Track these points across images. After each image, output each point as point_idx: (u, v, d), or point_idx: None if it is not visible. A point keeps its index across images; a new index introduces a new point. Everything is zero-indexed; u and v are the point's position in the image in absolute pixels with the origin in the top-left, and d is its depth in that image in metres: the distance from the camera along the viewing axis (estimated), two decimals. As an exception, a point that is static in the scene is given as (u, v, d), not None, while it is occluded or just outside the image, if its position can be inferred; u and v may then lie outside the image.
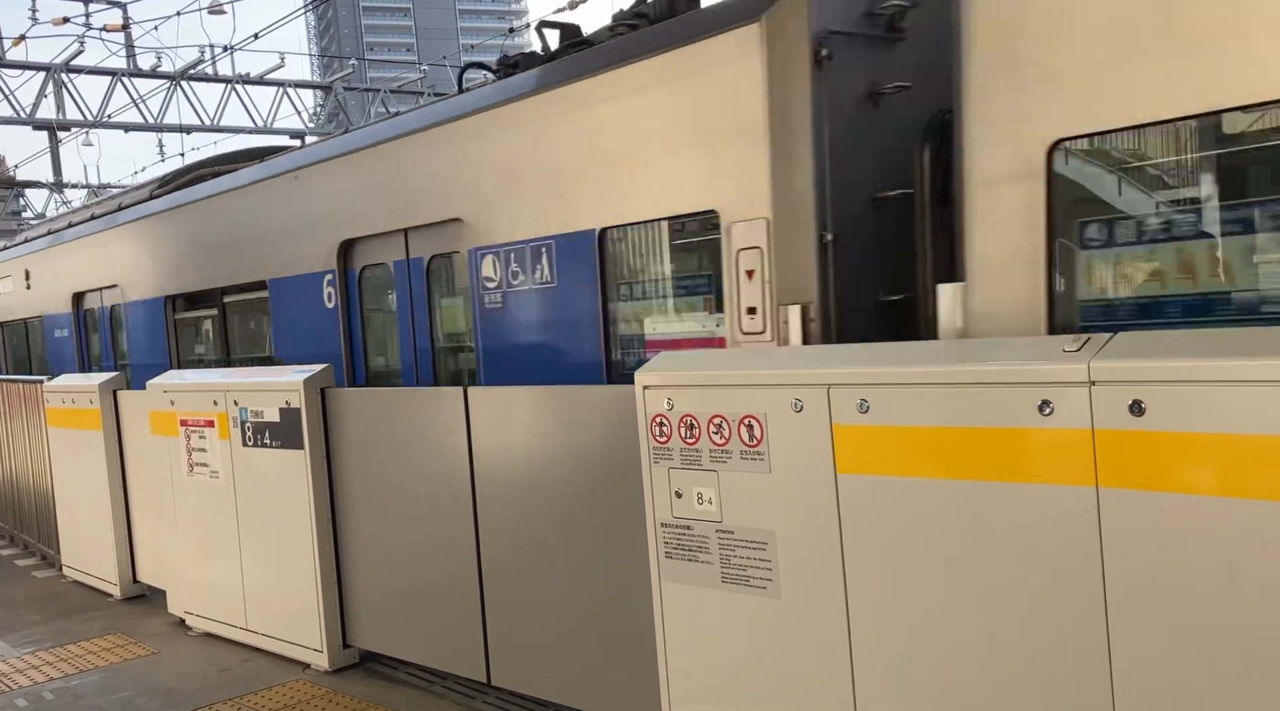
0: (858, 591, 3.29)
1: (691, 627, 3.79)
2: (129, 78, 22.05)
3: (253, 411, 6.03)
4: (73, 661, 6.35)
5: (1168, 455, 2.63)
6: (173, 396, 6.68)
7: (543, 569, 4.61)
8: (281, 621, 6.04)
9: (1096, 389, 2.72)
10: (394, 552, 5.44)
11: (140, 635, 6.83)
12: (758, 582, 3.56)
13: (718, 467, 3.64)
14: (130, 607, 7.60)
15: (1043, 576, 2.87)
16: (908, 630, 3.19)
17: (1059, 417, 2.80)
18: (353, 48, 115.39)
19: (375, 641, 5.67)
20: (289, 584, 5.92)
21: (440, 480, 5.08)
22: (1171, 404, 2.61)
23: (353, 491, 5.65)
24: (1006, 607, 2.95)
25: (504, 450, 4.75)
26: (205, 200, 8.91)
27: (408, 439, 5.26)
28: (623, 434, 4.13)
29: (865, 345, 3.51)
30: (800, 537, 3.42)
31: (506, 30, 23.88)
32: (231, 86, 23.53)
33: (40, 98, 21.33)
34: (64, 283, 11.71)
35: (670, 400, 3.76)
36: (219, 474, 6.34)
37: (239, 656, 6.20)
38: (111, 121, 22.47)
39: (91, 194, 35.84)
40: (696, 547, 3.74)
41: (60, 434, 8.38)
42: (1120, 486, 2.71)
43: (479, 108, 5.98)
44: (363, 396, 5.55)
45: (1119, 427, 2.70)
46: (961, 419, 2.99)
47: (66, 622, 7.29)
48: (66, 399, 8.15)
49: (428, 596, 5.25)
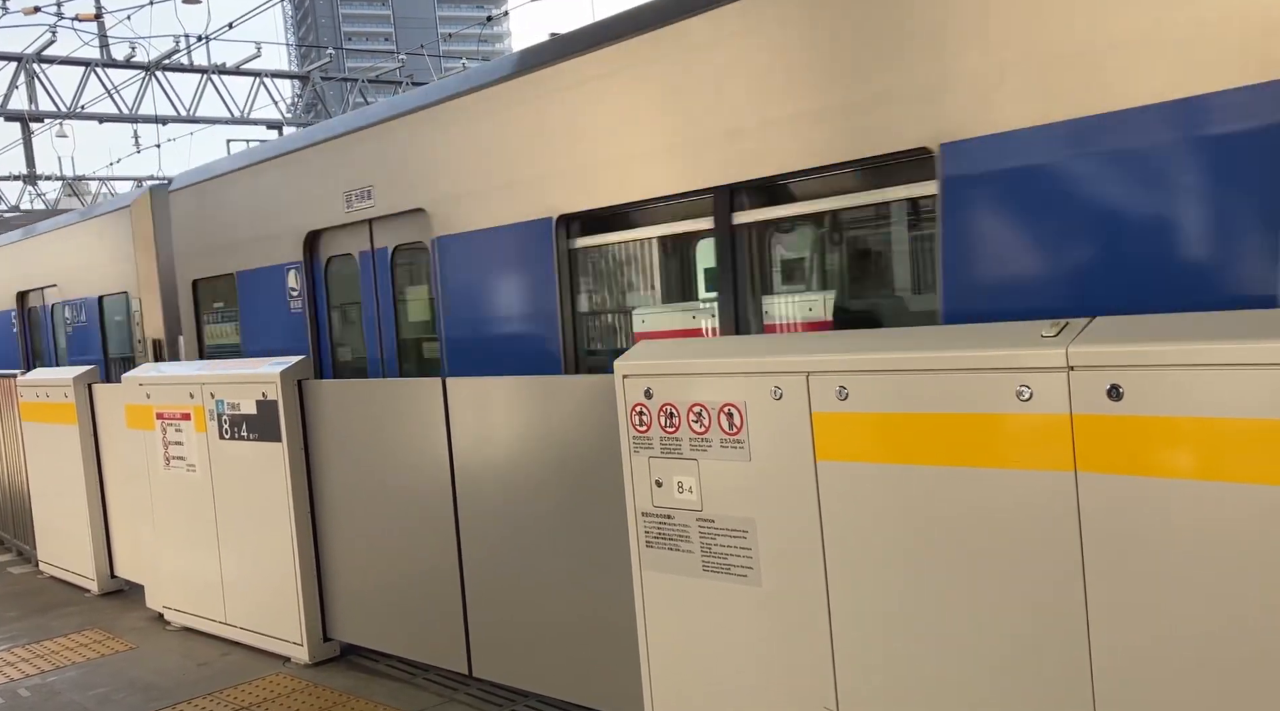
0: (838, 579, 3.29)
1: (673, 617, 3.78)
2: (103, 68, 21.80)
3: (229, 404, 5.98)
4: (49, 657, 6.29)
5: (1146, 439, 2.63)
6: (148, 389, 6.61)
7: (524, 559, 4.60)
8: (261, 615, 6.00)
9: (1075, 374, 2.72)
10: (374, 544, 5.41)
11: (118, 630, 6.77)
12: (738, 571, 3.55)
13: (698, 456, 3.62)
14: (108, 602, 7.54)
15: (1022, 561, 2.87)
16: (888, 617, 3.19)
17: (1037, 403, 2.80)
18: (330, 37, 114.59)
19: (356, 634, 5.64)
20: (268, 577, 5.88)
21: (420, 471, 5.05)
22: (1149, 388, 2.61)
23: (331, 483, 5.61)
24: (987, 593, 2.96)
25: (483, 441, 4.72)
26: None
27: (386, 430, 5.23)
28: (603, 423, 4.11)
29: (845, 332, 3.51)
30: (781, 525, 3.41)
31: (484, 19, 23.77)
32: (207, 76, 23.30)
33: (12, 88, 21.07)
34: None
35: (649, 389, 3.75)
36: (196, 467, 6.29)
37: (218, 650, 6.16)
38: (85, 112, 22.22)
39: (66, 186, 35.45)
40: (677, 536, 3.73)
41: (35, 428, 8.29)
42: (1099, 471, 2.71)
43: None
44: (341, 388, 5.51)
45: (1097, 412, 2.70)
46: (940, 405, 2.99)
47: (43, 618, 7.22)
48: (40, 393, 8.06)
49: (408, 588, 5.22)
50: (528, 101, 5.11)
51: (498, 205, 5.34)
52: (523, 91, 5.14)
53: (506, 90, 5.24)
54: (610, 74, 4.70)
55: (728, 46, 4.15)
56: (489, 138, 5.35)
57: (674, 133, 4.41)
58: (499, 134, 5.28)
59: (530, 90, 5.08)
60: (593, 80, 4.79)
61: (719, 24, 4.19)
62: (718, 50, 4.19)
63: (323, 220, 6.55)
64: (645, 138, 4.56)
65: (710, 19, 4.22)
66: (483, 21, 25.59)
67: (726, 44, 4.16)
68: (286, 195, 6.90)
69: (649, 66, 4.50)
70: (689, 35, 4.31)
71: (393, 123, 5.91)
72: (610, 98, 4.71)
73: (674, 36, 4.37)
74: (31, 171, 25.42)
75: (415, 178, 5.77)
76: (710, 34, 4.22)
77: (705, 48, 4.24)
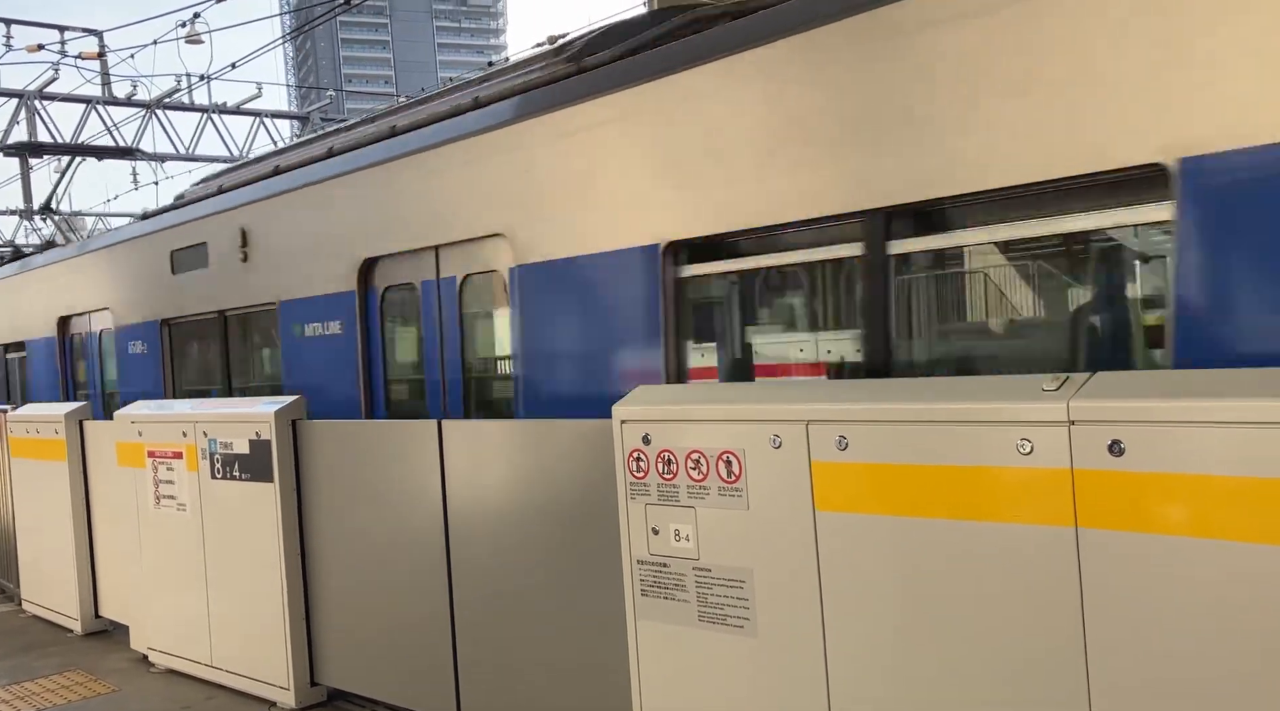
0: (836, 631, 3.26)
1: (667, 666, 3.73)
2: (104, 105, 21.94)
3: (222, 443, 5.94)
4: (30, 699, 6.17)
5: (1147, 495, 2.62)
6: (140, 427, 6.57)
7: (516, 606, 4.54)
8: (247, 658, 5.91)
9: (1076, 428, 2.72)
10: (364, 588, 5.34)
11: (101, 672, 6.66)
12: (734, 621, 3.51)
13: (695, 503, 3.60)
14: (91, 643, 7.42)
15: (1022, 616, 2.85)
16: (886, 670, 3.15)
17: (1038, 457, 2.79)
18: (330, 78, 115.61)
19: (343, 679, 5.55)
20: (256, 619, 5.80)
21: (413, 515, 5.00)
22: (1149, 444, 2.61)
23: (323, 525, 5.56)
24: (985, 648, 2.93)
25: (478, 484, 4.68)
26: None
27: (380, 472, 5.19)
28: (600, 469, 4.09)
29: (845, 381, 3.50)
30: (778, 575, 3.38)
31: (486, 64, 24.01)
32: (208, 115, 23.45)
33: (13, 124, 21.18)
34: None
35: (647, 434, 3.73)
36: (186, 506, 6.23)
37: (203, 693, 6.05)
38: (85, 146, 22.30)
39: (63, 221, 35.46)
40: (673, 585, 3.69)
41: (23, 464, 8.21)
42: (1100, 527, 2.70)
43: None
44: (334, 429, 5.48)
45: (1098, 467, 2.69)
46: (941, 457, 2.98)
47: (25, 658, 7.10)
48: (30, 428, 8.00)
49: (398, 633, 5.15)
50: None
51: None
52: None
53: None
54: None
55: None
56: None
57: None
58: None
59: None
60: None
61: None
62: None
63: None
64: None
65: None
66: (483, 67, 25.85)
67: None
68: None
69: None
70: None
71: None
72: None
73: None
74: (28, 206, 25.45)
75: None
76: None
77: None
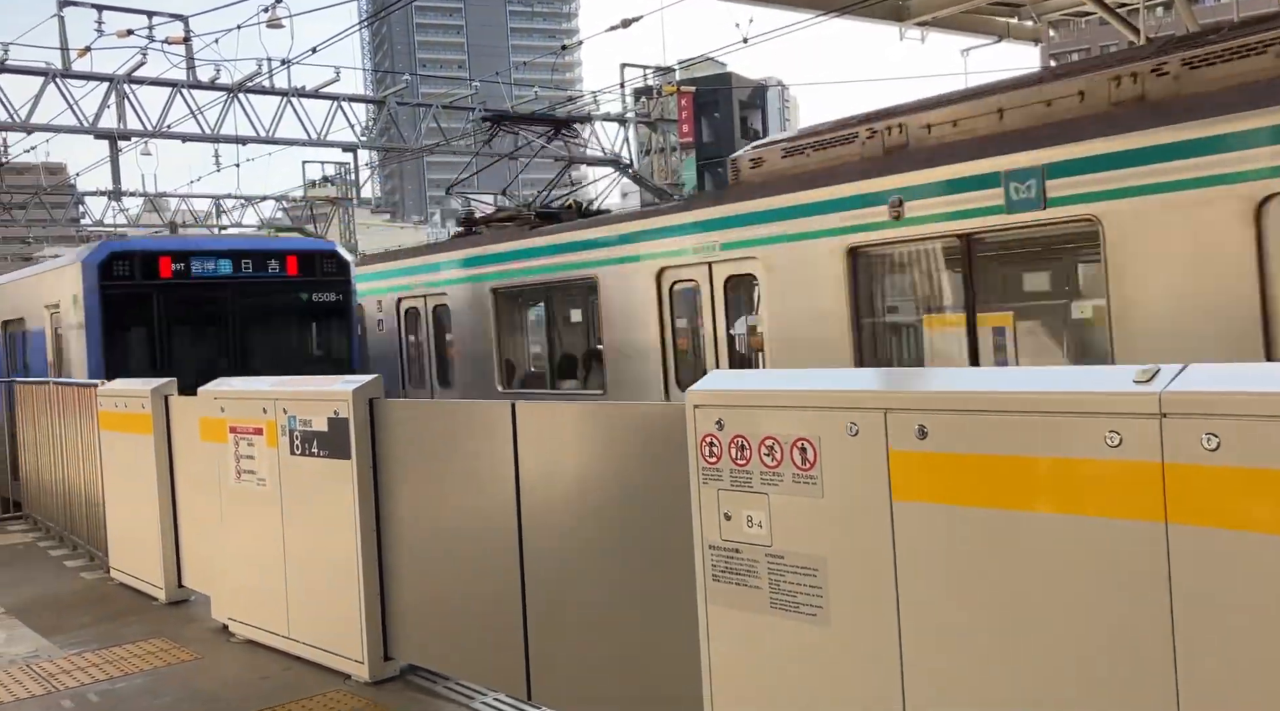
0: (911, 623, 3.21)
1: (738, 653, 3.72)
2: (188, 89, 22.45)
3: (301, 420, 6.06)
4: (118, 664, 6.40)
5: (1242, 491, 2.53)
6: (223, 403, 6.74)
7: (587, 587, 4.57)
8: (324, 631, 6.04)
9: (1168, 420, 2.63)
10: (438, 565, 5.42)
11: (183, 640, 6.88)
12: (807, 609, 3.48)
13: (768, 490, 3.58)
14: (174, 612, 7.66)
15: (1108, 613, 2.78)
16: (962, 665, 3.10)
17: (1127, 449, 2.71)
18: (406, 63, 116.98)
19: (417, 654, 5.65)
20: (332, 594, 5.93)
21: (486, 494, 5.06)
22: (1247, 438, 2.52)
23: (398, 502, 5.65)
24: (1067, 644, 2.86)
25: (550, 466, 4.71)
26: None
27: (455, 452, 5.25)
28: (672, 453, 4.08)
29: (925, 369, 3.44)
30: (853, 565, 3.35)
31: (559, 48, 24.09)
32: (287, 99, 23.87)
33: (103, 108, 21.80)
34: None
35: (721, 419, 3.71)
36: (266, 481, 6.38)
37: (280, 664, 6.21)
38: (170, 132, 22.89)
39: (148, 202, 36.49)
40: (745, 571, 3.67)
41: (112, 437, 8.49)
42: (1191, 523, 2.61)
43: None
44: (411, 408, 5.56)
45: (1191, 462, 2.60)
46: (1024, 448, 2.91)
47: (112, 625, 7.36)
48: (119, 403, 8.26)
49: (470, 610, 5.22)
50: None
51: None
52: None
53: None
54: None
55: None
56: None
57: None
58: None
59: None
60: None
61: None
62: None
63: None
64: None
65: None
66: (556, 51, 25.94)
67: None
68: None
69: None
70: None
71: None
72: None
73: None
74: (116, 187, 26.21)
75: None
76: None
77: None
